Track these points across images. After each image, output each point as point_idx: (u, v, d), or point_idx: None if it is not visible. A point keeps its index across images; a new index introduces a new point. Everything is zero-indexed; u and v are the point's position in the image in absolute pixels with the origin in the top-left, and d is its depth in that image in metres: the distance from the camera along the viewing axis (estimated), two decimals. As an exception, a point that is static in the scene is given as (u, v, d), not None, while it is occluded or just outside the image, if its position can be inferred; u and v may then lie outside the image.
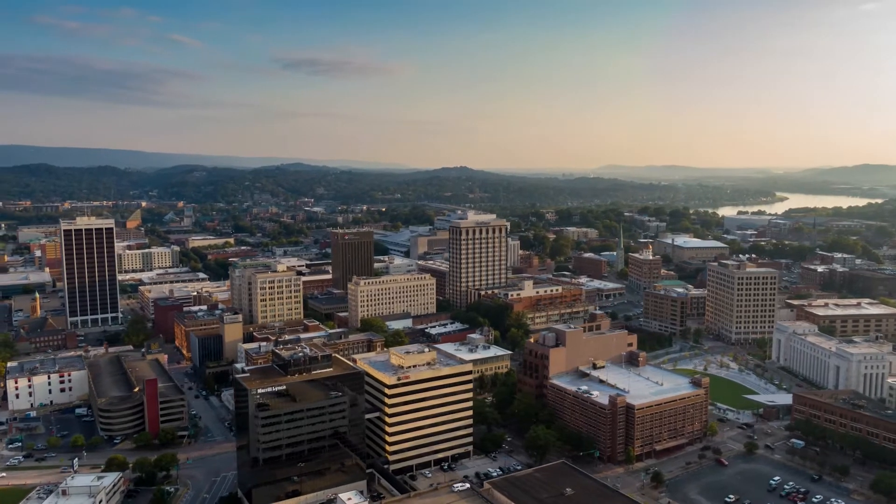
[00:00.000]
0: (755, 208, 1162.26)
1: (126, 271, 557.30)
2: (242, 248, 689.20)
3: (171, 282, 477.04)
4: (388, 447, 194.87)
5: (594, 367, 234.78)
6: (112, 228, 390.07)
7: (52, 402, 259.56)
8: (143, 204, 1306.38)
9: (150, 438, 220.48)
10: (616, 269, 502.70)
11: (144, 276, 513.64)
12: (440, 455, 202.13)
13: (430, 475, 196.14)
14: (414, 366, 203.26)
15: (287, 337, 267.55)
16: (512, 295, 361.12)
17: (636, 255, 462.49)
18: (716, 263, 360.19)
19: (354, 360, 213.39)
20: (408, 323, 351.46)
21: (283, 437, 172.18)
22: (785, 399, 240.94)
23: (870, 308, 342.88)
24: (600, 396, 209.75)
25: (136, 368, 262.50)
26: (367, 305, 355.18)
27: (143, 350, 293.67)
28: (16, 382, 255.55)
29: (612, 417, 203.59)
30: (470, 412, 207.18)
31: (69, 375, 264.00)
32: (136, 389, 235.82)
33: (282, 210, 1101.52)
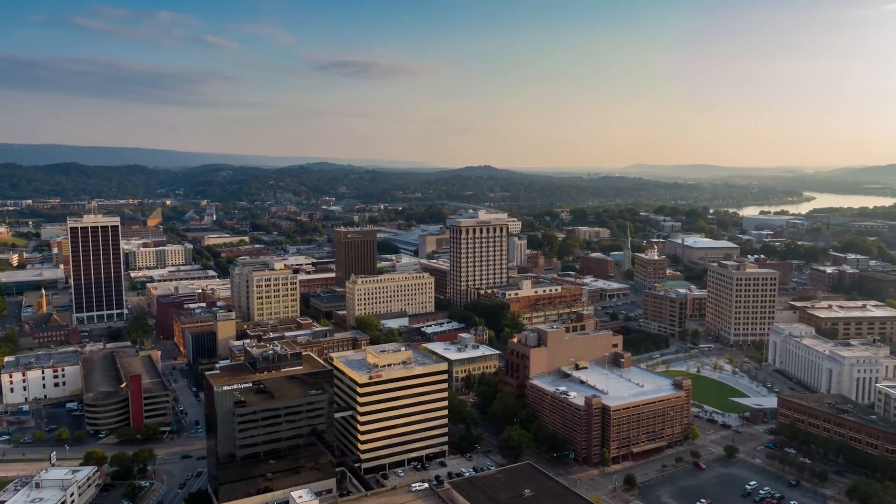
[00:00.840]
0: (779, 208, 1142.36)
1: (139, 268, 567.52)
2: (256, 245, 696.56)
3: (181, 279, 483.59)
4: (360, 445, 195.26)
5: (576, 367, 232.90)
6: (117, 227, 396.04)
7: (46, 396, 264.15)
8: (168, 202, 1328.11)
9: (133, 433, 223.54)
10: (623, 269, 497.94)
11: (156, 273, 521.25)
12: (414, 454, 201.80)
13: (402, 474, 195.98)
14: (389, 364, 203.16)
15: (272, 335, 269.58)
16: (510, 294, 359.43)
17: (642, 254, 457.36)
18: (715, 264, 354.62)
19: (332, 359, 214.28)
20: (404, 322, 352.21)
21: (249, 434, 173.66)
22: (772, 402, 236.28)
23: (875, 310, 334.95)
24: (577, 397, 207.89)
25: (127, 364, 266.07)
26: (364, 304, 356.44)
27: (136, 346, 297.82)
28: (10, 377, 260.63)
29: (588, 419, 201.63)
30: (444, 412, 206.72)
31: (63, 370, 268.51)
32: (123, 385, 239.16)
33: (301, 209, 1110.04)
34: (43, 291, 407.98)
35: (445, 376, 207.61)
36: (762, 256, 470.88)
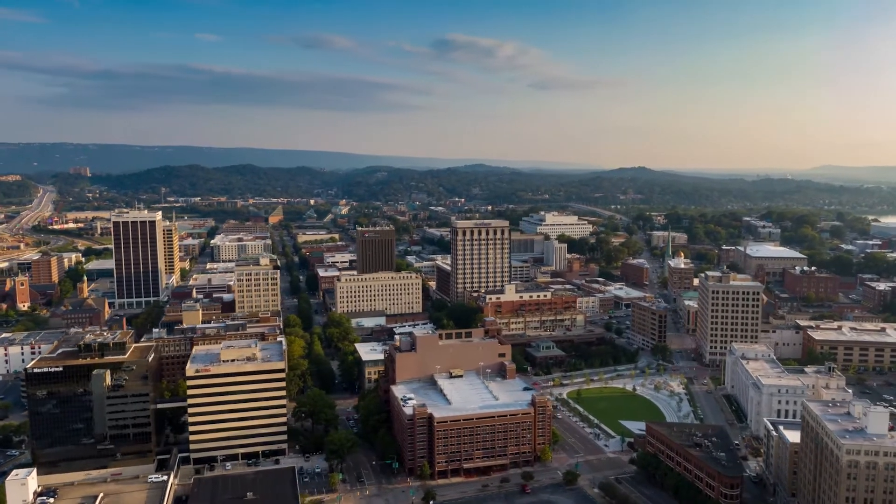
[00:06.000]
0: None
1: (221, 260, 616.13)
2: (339, 243, 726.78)
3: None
4: (189, 436, 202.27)
5: (450, 375, 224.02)
6: (155, 221, 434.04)
7: (25, 370, 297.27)
8: (311, 201, 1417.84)
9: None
10: (663, 276, 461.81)
11: (222, 265, 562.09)
12: (247, 449, 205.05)
13: (229, 467, 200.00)
14: (233, 360, 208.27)
15: (184, 326, 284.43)
16: (491, 299, 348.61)
17: (670, 262, 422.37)
18: (703, 275, 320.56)
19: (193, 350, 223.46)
20: (381, 321, 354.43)
21: (62, 416, 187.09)
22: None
23: (893, 335, 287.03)
24: (408, 406, 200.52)
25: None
26: (346, 302, 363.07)
27: (111, 330, 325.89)
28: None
29: (413, 429, 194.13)
30: (283, 410, 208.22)
31: (39, 348, 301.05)
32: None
33: (413, 209, 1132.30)
34: (85, 278, 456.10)
35: (282, 375, 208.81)
36: (812, 268, 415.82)
